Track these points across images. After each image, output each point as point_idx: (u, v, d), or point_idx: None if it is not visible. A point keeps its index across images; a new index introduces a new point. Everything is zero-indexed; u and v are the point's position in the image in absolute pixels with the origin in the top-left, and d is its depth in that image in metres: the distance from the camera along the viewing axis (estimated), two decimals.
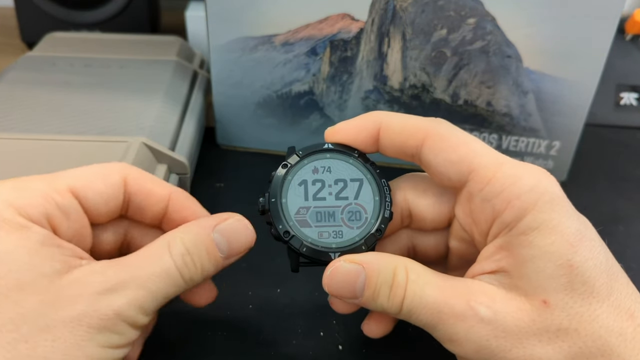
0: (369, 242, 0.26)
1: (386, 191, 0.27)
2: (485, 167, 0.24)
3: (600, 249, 0.23)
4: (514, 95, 0.42)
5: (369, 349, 0.31)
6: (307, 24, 0.41)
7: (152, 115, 0.40)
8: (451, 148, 0.25)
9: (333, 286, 0.24)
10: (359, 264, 0.24)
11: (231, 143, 0.48)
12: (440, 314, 0.23)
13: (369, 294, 0.24)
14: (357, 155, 0.27)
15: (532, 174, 0.23)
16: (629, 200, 0.44)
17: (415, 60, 0.42)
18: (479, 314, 0.22)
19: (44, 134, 0.36)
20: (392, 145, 0.26)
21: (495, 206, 0.24)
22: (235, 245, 0.25)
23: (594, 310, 0.22)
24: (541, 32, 0.39)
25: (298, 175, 0.27)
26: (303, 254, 0.25)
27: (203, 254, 0.24)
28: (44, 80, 0.43)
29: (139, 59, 0.48)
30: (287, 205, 0.26)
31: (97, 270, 0.22)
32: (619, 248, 0.24)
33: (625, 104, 0.54)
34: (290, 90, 0.44)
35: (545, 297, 0.22)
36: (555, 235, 0.22)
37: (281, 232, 0.25)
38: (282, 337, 0.31)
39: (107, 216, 0.26)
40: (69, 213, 0.24)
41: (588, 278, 0.22)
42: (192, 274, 0.24)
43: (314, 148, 0.27)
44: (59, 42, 0.52)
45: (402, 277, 0.23)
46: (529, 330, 0.22)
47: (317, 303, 0.33)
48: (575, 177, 0.45)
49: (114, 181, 0.25)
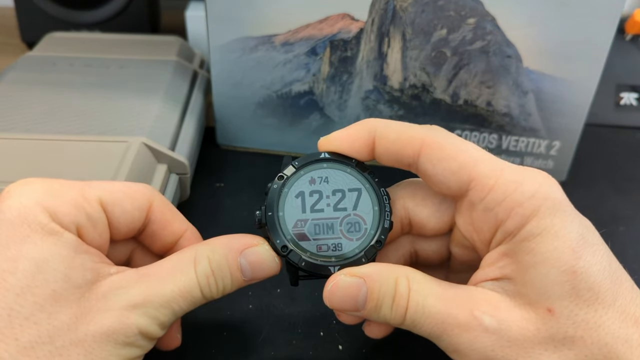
0: (369, 254, 0.25)
1: (385, 200, 0.26)
2: (485, 175, 0.24)
3: (604, 253, 0.23)
4: (514, 95, 0.42)
5: (369, 349, 0.30)
6: (307, 24, 0.41)
7: (152, 115, 0.40)
8: (450, 157, 0.24)
9: (334, 301, 0.24)
10: (360, 277, 0.24)
11: (231, 143, 0.48)
12: (444, 324, 0.23)
13: (371, 306, 0.24)
14: (355, 164, 0.26)
15: (533, 179, 0.23)
16: (629, 200, 0.44)
17: (415, 60, 0.42)
18: (483, 323, 0.22)
19: (44, 134, 0.36)
20: (388, 154, 0.26)
21: (497, 215, 0.23)
22: (259, 274, 0.25)
23: (599, 317, 0.21)
24: (541, 32, 0.39)
25: (295, 187, 0.26)
26: (302, 268, 0.25)
27: (227, 276, 0.25)
28: (44, 80, 0.43)
29: (138, 59, 0.48)
30: (285, 218, 0.25)
31: (123, 284, 0.23)
32: (619, 249, 0.24)
33: (625, 104, 0.54)
34: (290, 90, 0.44)
35: (549, 304, 0.22)
36: (557, 241, 0.22)
37: (279, 246, 0.25)
38: (282, 337, 0.31)
39: (124, 235, 0.26)
40: (96, 224, 0.24)
41: (592, 284, 0.22)
42: (213, 293, 0.25)
43: (311, 158, 0.26)
44: (58, 42, 0.52)
45: (404, 288, 0.23)
46: (535, 339, 0.22)
47: (317, 303, 0.33)
48: (575, 177, 0.45)
49: (140, 205, 0.26)
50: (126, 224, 0.25)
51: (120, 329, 0.22)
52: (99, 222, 0.24)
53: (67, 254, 0.22)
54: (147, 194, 0.26)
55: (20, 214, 0.22)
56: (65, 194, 0.23)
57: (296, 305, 0.33)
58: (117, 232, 0.25)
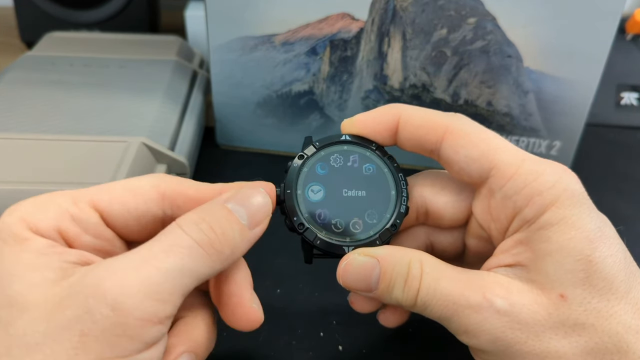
0: (384, 237, 0.26)
1: (403, 185, 0.26)
2: (507, 163, 0.24)
3: (619, 247, 0.23)
4: (515, 95, 0.42)
5: (369, 349, 0.30)
6: (307, 24, 0.41)
7: (152, 115, 0.40)
8: (472, 144, 0.25)
9: (347, 279, 0.24)
10: (374, 257, 0.24)
11: (231, 143, 0.48)
12: (455, 305, 0.23)
13: (383, 286, 0.24)
14: (375, 148, 0.27)
15: (554, 171, 0.24)
16: (629, 200, 0.44)
17: (416, 60, 0.41)
18: (494, 305, 0.22)
19: (43, 134, 0.36)
20: (411, 139, 0.26)
21: (516, 202, 0.23)
22: (253, 210, 0.24)
23: (611, 307, 0.22)
24: (542, 31, 0.39)
25: (314, 167, 0.26)
26: (317, 246, 0.25)
27: (222, 220, 0.22)
28: (44, 80, 0.43)
29: (138, 58, 0.48)
30: (302, 197, 0.26)
31: (89, 270, 0.20)
32: None
33: (626, 103, 0.54)
34: (290, 90, 0.44)
35: (562, 291, 0.22)
36: (574, 230, 0.22)
37: (296, 224, 0.25)
38: (282, 337, 0.31)
39: (143, 233, 0.25)
40: (86, 226, 0.23)
41: (607, 274, 0.22)
42: (214, 242, 0.21)
43: (331, 139, 0.27)
44: (58, 41, 0.52)
45: (417, 270, 0.23)
46: (545, 323, 0.22)
47: (317, 303, 0.33)
48: None
49: (144, 194, 0.24)
50: (135, 219, 0.24)
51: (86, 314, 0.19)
52: (90, 223, 0.23)
53: (29, 257, 0.21)
54: (153, 184, 0.24)
55: (0, 230, 0.22)
56: (50, 203, 0.23)
57: (296, 306, 0.33)
58: (128, 230, 0.24)
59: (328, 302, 0.28)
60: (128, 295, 0.19)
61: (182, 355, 0.23)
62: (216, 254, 0.22)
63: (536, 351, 0.22)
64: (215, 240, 0.22)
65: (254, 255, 0.27)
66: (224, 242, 0.22)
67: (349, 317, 0.29)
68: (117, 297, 0.19)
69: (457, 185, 0.27)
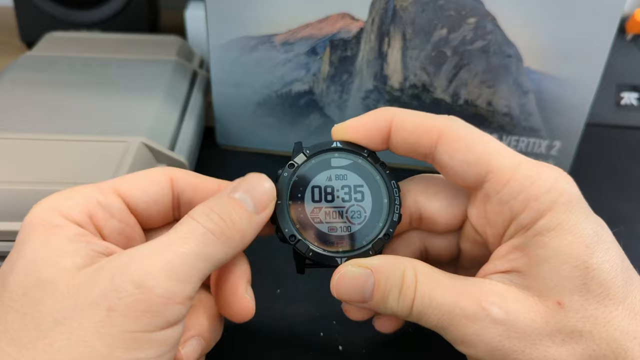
0: (377, 247, 0.25)
1: (395, 193, 0.26)
2: (503, 168, 0.24)
3: (616, 252, 0.23)
4: (515, 95, 0.42)
5: (369, 349, 0.30)
6: (307, 24, 0.41)
7: (152, 115, 0.40)
8: (468, 148, 0.24)
9: (341, 291, 0.24)
10: (367, 268, 0.24)
11: (231, 143, 0.48)
12: (451, 315, 0.22)
13: (378, 297, 0.23)
14: (367, 155, 0.26)
15: (550, 175, 0.23)
16: (629, 200, 0.44)
17: (416, 59, 0.41)
18: (491, 314, 0.22)
19: (43, 134, 0.36)
20: (404, 144, 0.25)
21: (512, 208, 0.23)
22: (258, 194, 0.24)
23: (609, 313, 0.21)
24: (542, 31, 0.39)
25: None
26: (309, 258, 0.25)
27: (229, 209, 0.23)
28: (44, 80, 0.43)
29: (138, 58, 0.48)
30: (294, 207, 0.25)
31: (115, 258, 0.21)
32: None
33: (626, 103, 0.54)
34: (290, 90, 0.44)
35: (559, 298, 0.22)
36: (571, 236, 0.22)
37: (287, 235, 0.25)
38: (282, 337, 0.31)
39: (159, 218, 0.26)
40: (112, 210, 0.24)
41: (604, 280, 0.22)
42: (224, 230, 0.23)
43: (322, 147, 0.26)
44: (58, 41, 0.52)
45: (411, 279, 0.23)
46: (543, 331, 0.22)
47: (317, 303, 0.33)
48: (575, 177, 0.44)
49: (158, 179, 0.25)
50: (154, 203, 0.25)
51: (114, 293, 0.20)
52: (115, 208, 0.24)
53: (58, 242, 0.22)
54: (163, 171, 0.26)
55: (31, 219, 0.22)
56: (78, 192, 0.24)
57: (296, 306, 0.33)
58: (148, 215, 0.25)
59: (328, 302, 0.28)
60: (151, 276, 0.20)
61: (192, 339, 0.25)
62: (227, 241, 0.23)
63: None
64: (225, 227, 0.23)
65: (254, 256, 0.27)
66: (233, 229, 0.23)
67: (349, 317, 0.29)
68: (142, 276, 0.20)
69: (451, 189, 0.27)
